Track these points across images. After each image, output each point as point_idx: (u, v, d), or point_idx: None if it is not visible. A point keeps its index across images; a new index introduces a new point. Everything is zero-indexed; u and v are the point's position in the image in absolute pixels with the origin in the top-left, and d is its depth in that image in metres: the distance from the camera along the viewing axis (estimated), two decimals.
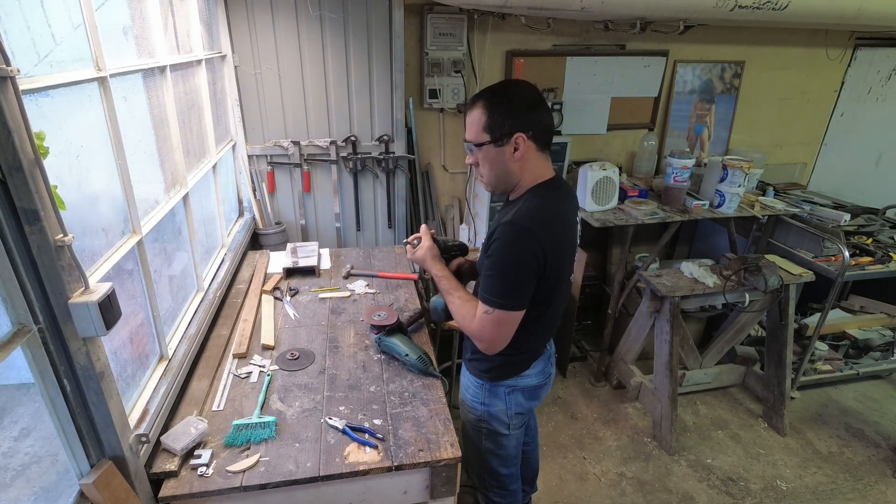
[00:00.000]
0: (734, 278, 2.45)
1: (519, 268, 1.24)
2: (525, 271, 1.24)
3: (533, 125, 1.25)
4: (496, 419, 1.53)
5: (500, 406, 1.52)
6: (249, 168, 2.72)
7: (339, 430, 1.42)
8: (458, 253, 1.65)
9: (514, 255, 1.24)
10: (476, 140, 1.28)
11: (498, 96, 1.25)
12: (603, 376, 3.04)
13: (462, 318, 1.37)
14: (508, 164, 1.28)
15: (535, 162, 1.30)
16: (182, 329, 1.74)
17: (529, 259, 1.23)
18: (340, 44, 2.55)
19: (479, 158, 1.31)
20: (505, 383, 1.49)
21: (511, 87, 1.27)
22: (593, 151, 3.28)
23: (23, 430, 1.43)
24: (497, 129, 1.24)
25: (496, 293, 1.27)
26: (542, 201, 1.28)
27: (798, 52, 3.29)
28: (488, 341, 1.33)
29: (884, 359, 3.01)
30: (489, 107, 1.24)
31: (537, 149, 1.29)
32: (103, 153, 1.27)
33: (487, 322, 1.29)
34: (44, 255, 0.93)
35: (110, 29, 1.36)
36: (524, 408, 1.55)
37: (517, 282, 1.26)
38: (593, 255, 3.33)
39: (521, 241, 1.23)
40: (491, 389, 1.51)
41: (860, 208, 3.15)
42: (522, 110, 1.24)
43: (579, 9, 2.14)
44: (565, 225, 1.33)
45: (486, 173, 1.33)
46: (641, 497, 2.31)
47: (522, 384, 1.50)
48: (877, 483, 2.42)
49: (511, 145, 1.25)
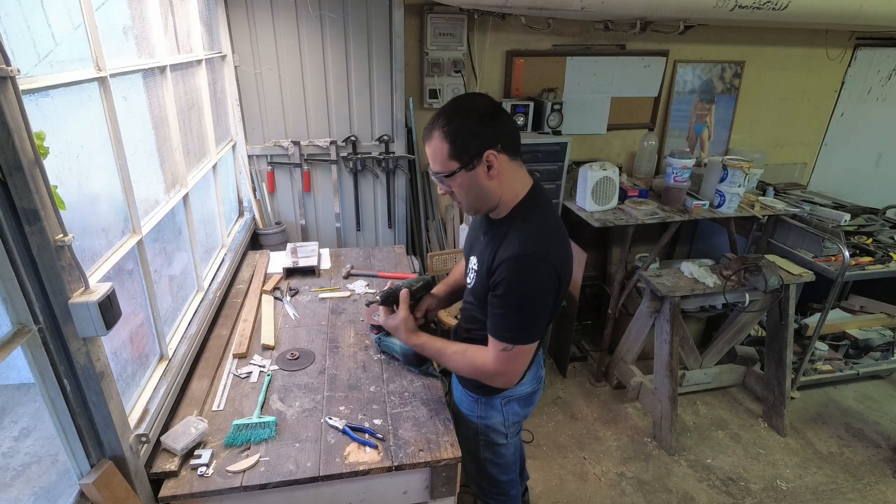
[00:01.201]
0: (734, 278, 2.45)
1: (537, 301, 1.18)
2: (543, 304, 1.19)
3: (499, 137, 1.15)
4: (493, 430, 1.51)
5: (497, 418, 1.49)
6: (249, 168, 2.72)
7: (339, 430, 1.42)
8: (425, 292, 1.61)
9: (530, 291, 1.16)
10: (445, 171, 1.17)
11: (454, 119, 1.14)
12: (603, 376, 3.04)
13: (471, 368, 1.33)
14: (485, 185, 1.18)
15: (512, 173, 1.21)
16: (182, 329, 1.74)
17: (547, 289, 1.17)
18: (340, 44, 2.55)
19: (452, 187, 1.21)
20: (501, 395, 1.46)
21: (463, 105, 1.17)
22: (593, 151, 3.28)
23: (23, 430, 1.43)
24: (464, 153, 1.14)
25: (515, 329, 1.21)
26: (540, 220, 1.21)
27: (798, 52, 3.30)
28: (508, 376, 1.29)
29: (884, 359, 3.01)
30: (448, 132, 1.13)
31: (510, 159, 1.19)
32: (103, 153, 1.27)
33: (506, 358, 1.24)
34: (44, 255, 0.93)
35: (110, 29, 1.35)
36: (521, 416, 1.52)
37: (536, 315, 1.20)
38: (593, 255, 3.34)
39: (534, 275, 1.15)
40: (487, 402, 1.48)
41: (860, 208, 3.15)
42: (484, 124, 1.14)
43: (579, 9, 2.14)
44: (567, 239, 1.27)
45: (464, 200, 1.22)
46: (641, 497, 2.31)
47: (517, 393, 1.47)
48: (877, 483, 2.42)
49: (483, 165, 1.15)
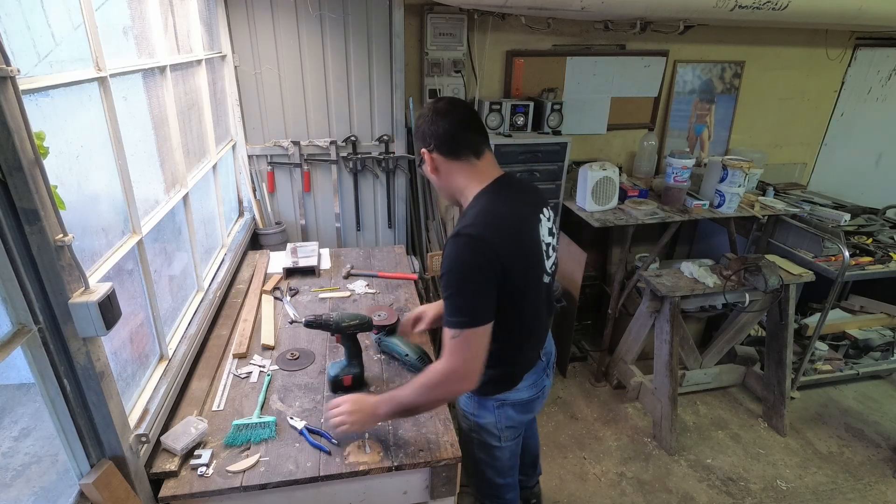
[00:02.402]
0: (734, 278, 2.45)
1: (473, 279, 1.16)
2: (480, 282, 1.16)
3: (431, 138, 1.25)
4: (486, 431, 1.47)
5: (490, 419, 1.45)
6: (249, 168, 2.72)
7: (297, 430, 1.41)
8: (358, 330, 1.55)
9: (465, 268, 1.16)
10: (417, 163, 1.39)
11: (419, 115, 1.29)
12: (603, 376, 3.04)
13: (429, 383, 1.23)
14: (433, 178, 1.32)
15: (458, 171, 1.27)
16: (182, 329, 1.74)
17: (482, 267, 1.15)
18: (340, 44, 2.55)
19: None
20: (494, 397, 1.42)
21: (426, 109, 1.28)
22: (593, 151, 3.28)
23: (23, 430, 1.43)
24: (416, 151, 1.32)
25: (458, 312, 1.17)
26: (485, 206, 1.23)
27: (798, 52, 3.29)
28: (466, 369, 1.19)
29: (884, 359, 3.01)
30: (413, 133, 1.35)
31: (448, 159, 1.26)
32: (103, 153, 1.27)
33: (457, 347, 1.18)
34: (44, 255, 0.93)
35: (110, 29, 1.36)
36: (515, 421, 1.47)
37: (475, 294, 1.17)
38: (593, 255, 3.33)
39: (468, 251, 1.16)
40: (479, 402, 1.45)
41: (860, 208, 3.15)
42: (425, 127, 1.25)
43: (579, 9, 2.14)
44: (520, 224, 1.26)
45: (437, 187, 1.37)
46: (641, 497, 2.31)
47: (512, 398, 1.42)
48: (877, 483, 2.42)
49: (427, 162, 1.29)
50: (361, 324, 1.56)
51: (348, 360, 1.57)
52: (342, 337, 1.55)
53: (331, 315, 1.55)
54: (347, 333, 1.55)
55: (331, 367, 1.60)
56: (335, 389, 1.58)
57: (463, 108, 1.28)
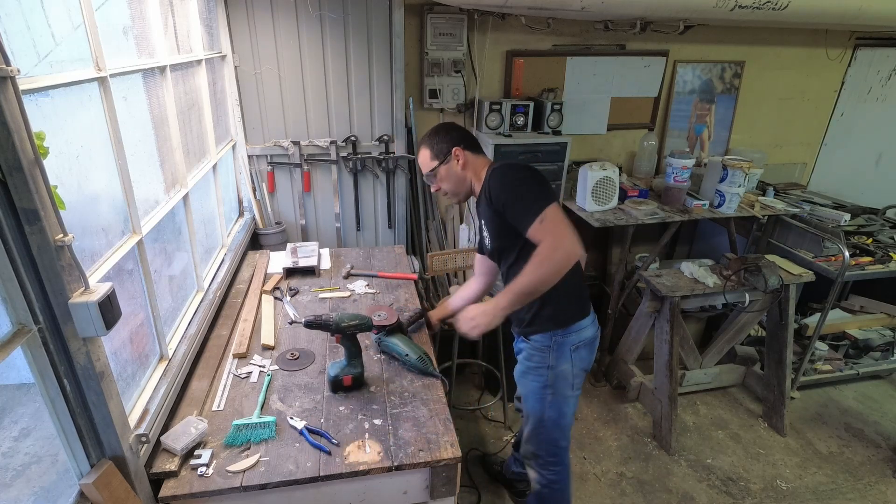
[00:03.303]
0: (734, 278, 2.45)
1: (528, 179, 1.50)
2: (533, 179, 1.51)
3: (460, 140, 1.64)
4: (563, 379, 1.66)
5: (566, 366, 1.65)
6: (249, 168, 2.72)
7: (297, 430, 1.41)
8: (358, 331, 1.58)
9: (517, 175, 1.51)
10: (430, 168, 1.65)
11: (429, 136, 1.66)
12: (603, 376, 3.04)
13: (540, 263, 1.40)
14: (459, 172, 1.64)
15: (475, 163, 1.65)
16: (182, 329, 1.74)
17: (525, 172, 1.52)
18: (340, 44, 2.55)
19: (440, 182, 1.66)
20: (570, 339, 1.63)
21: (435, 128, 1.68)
22: (593, 151, 3.28)
23: (23, 430, 1.43)
24: (441, 153, 1.63)
25: (528, 206, 1.44)
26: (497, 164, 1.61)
27: (798, 52, 3.29)
28: (564, 241, 1.40)
29: (884, 359, 3.01)
30: (428, 143, 1.65)
31: (472, 154, 1.65)
32: (103, 153, 1.27)
33: (548, 228, 1.42)
34: (44, 255, 0.93)
35: (110, 29, 1.36)
36: (586, 363, 1.69)
37: (535, 186, 1.49)
38: (593, 255, 3.33)
39: (510, 169, 1.54)
40: (558, 349, 1.63)
41: (860, 208, 3.15)
42: (449, 134, 1.65)
43: (579, 9, 2.14)
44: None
45: (450, 188, 1.67)
46: (641, 497, 2.31)
47: (583, 337, 1.65)
48: (877, 483, 2.42)
49: (454, 158, 1.62)
50: (361, 324, 1.56)
51: (348, 360, 1.57)
52: (342, 337, 1.55)
53: (331, 315, 1.55)
54: (347, 333, 1.55)
55: (331, 367, 1.60)
56: (335, 389, 1.58)
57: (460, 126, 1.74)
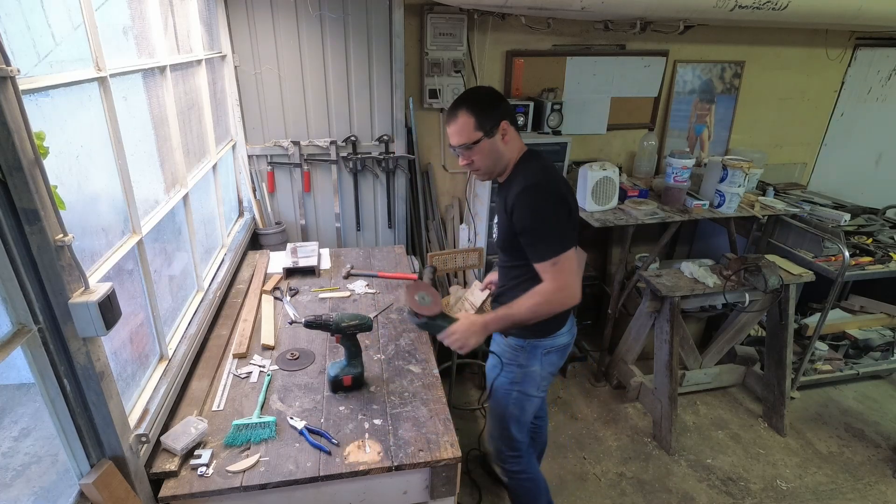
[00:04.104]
0: (734, 278, 2.45)
1: (554, 214, 1.43)
2: (559, 215, 1.44)
3: (507, 113, 1.50)
4: (530, 380, 1.66)
5: (536, 367, 1.65)
6: (249, 168, 2.72)
7: (297, 430, 1.41)
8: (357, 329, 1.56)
9: (545, 207, 1.43)
10: (471, 139, 1.47)
11: (474, 101, 1.48)
12: (603, 376, 3.04)
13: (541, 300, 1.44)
14: (501, 149, 1.51)
15: (516, 141, 1.55)
16: (182, 329, 1.74)
17: (557, 204, 1.44)
18: (340, 44, 2.55)
19: (473, 156, 1.51)
20: (543, 344, 1.62)
21: (479, 92, 1.52)
22: (593, 151, 3.28)
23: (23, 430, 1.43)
24: (487, 124, 1.46)
25: (549, 244, 1.42)
26: (534, 163, 1.53)
27: (798, 52, 3.29)
28: (570, 287, 1.43)
29: (884, 359, 3.01)
30: (473, 110, 1.46)
31: (515, 130, 1.54)
32: (103, 153, 1.27)
33: (559, 272, 1.42)
34: (44, 255, 0.93)
35: (110, 29, 1.36)
36: (555, 367, 1.70)
37: (558, 225, 1.43)
38: (593, 255, 3.33)
39: (541, 196, 1.43)
40: (530, 351, 1.63)
41: (860, 208, 3.15)
42: (497, 105, 1.49)
43: (579, 9, 2.14)
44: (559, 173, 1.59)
45: (484, 164, 1.53)
46: (641, 497, 2.31)
47: (557, 343, 1.65)
48: (877, 483, 2.42)
49: (500, 133, 1.48)
50: (361, 324, 1.56)
51: (348, 360, 1.57)
52: (342, 337, 1.55)
53: (331, 315, 1.55)
54: (347, 333, 1.55)
55: (331, 367, 1.60)
56: (335, 389, 1.58)
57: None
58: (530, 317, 1.46)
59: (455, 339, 1.51)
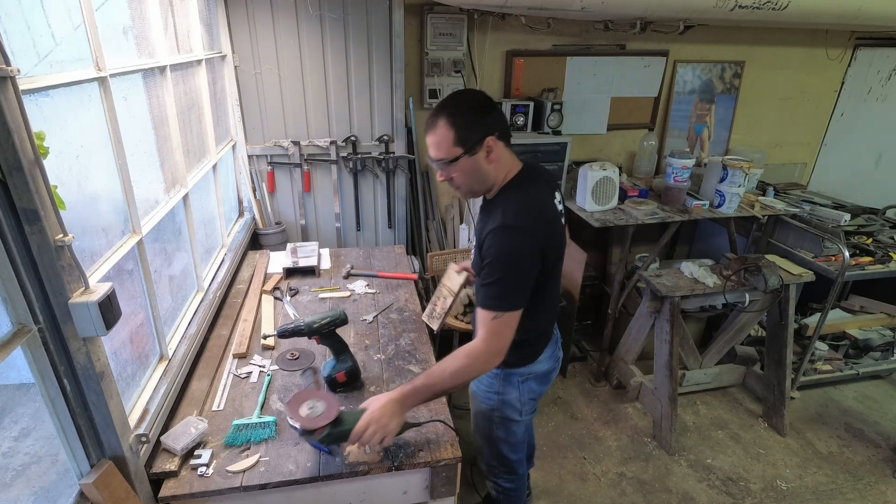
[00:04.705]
0: (734, 278, 2.45)
1: (520, 268, 1.26)
2: (525, 269, 1.27)
3: (495, 126, 1.29)
4: (510, 406, 1.57)
5: (514, 394, 1.55)
6: (249, 168, 2.72)
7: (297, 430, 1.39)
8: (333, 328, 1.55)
9: (514, 256, 1.25)
10: (449, 156, 1.28)
11: (456, 110, 1.27)
12: (603, 376, 3.04)
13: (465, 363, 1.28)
14: (485, 168, 1.31)
15: (505, 159, 1.34)
16: (182, 329, 1.74)
17: (528, 256, 1.26)
18: (340, 44, 2.55)
19: (453, 173, 1.31)
20: (519, 372, 1.52)
21: (464, 98, 1.30)
22: (593, 151, 3.28)
23: (23, 430, 1.43)
24: (468, 140, 1.26)
25: (501, 296, 1.26)
26: (521, 195, 1.32)
27: (798, 52, 3.29)
28: (500, 354, 1.29)
29: (884, 359, 3.01)
30: (452, 122, 1.25)
31: (505, 146, 1.33)
32: (103, 153, 1.27)
33: (496, 328, 1.26)
34: (44, 255, 0.93)
35: (110, 29, 1.36)
36: (536, 394, 1.59)
37: (519, 282, 1.27)
38: (593, 255, 3.33)
39: (516, 243, 1.25)
40: (505, 378, 1.54)
41: (860, 208, 3.15)
42: (482, 117, 1.28)
43: (579, 9, 2.14)
44: (549, 209, 1.36)
45: (464, 183, 1.34)
46: (641, 497, 2.31)
47: (535, 371, 1.54)
48: (877, 483, 2.42)
49: (484, 150, 1.28)
50: (334, 320, 1.56)
51: (336, 357, 1.58)
52: (321, 338, 1.56)
53: (301, 320, 1.56)
54: (323, 333, 1.55)
55: (323, 369, 1.60)
56: (333, 388, 1.58)
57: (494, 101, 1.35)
58: (454, 384, 1.29)
59: (372, 433, 1.22)
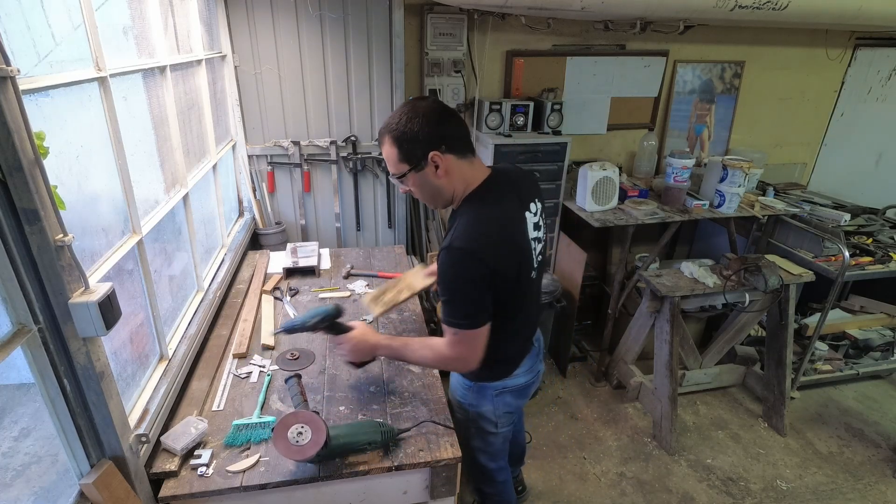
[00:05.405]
0: (734, 278, 2.45)
1: (468, 290, 1.23)
2: (475, 291, 1.23)
3: (443, 139, 1.23)
4: (484, 419, 1.54)
5: (488, 407, 1.52)
6: (249, 168, 2.72)
7: None
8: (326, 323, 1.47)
9: (459, 279, 1.23)
10: (398, 172, 1.27)
11: (399, 126, 1.22)
12: (603, 376, 3.04)
13: (433, 356, 1.37)
14: (436, 183, 1.27)
15: (462, 171, 1.28)
16: (182, 329, 1.74)
17: (476, 279, 1.21)
18: (340, 44, 2.55)
19: (409, 187, 1.31)
20: (493, 385, 1.50)
21: (410, 111, 1.23)
22: (593, 151, 3.28)
23: (23, 430, 1.44)
24: (412, 157, 1.23)
25: (456, 315, 1.27)
26: (476, 213, 1.27)
27: (798, 52, 3.29)
28: (465, 360, 1.33)
29: (884, 359, 3.01)
30: (395, 139, 1.23)
31: (457, 158, 1.26)
32: (103, 153, 1.27)
33: (458, 343, 1.30)
34: (44, 255, 0.93)
35: (110, 29, 1.36)
36: (512, 407, 1.56)
37: (471, 301, 1.25)
38: (593, 255, 3.33)
39: (461, 265, 1.21)
40: (479, 391, 1.51)
41: (860, 208, 3.15)
42: (428, 129, 1.22)
43: (579, 9, 2.14)
44: (512, 225, 1.30)
45: (422, 196, 1.33)
46: (641, 497, 2.31)
47: (511, 385, 1.51)
48: (877, 483, 2.42)
49: (431, 166, 1.24)
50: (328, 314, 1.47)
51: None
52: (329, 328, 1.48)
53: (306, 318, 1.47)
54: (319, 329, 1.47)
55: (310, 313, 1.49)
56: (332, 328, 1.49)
57: (450, 108, 1.29)
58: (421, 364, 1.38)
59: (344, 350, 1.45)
